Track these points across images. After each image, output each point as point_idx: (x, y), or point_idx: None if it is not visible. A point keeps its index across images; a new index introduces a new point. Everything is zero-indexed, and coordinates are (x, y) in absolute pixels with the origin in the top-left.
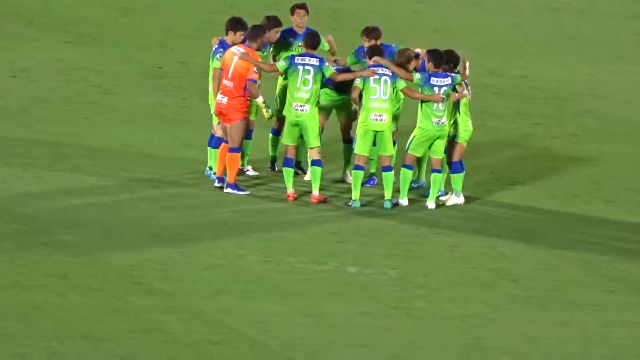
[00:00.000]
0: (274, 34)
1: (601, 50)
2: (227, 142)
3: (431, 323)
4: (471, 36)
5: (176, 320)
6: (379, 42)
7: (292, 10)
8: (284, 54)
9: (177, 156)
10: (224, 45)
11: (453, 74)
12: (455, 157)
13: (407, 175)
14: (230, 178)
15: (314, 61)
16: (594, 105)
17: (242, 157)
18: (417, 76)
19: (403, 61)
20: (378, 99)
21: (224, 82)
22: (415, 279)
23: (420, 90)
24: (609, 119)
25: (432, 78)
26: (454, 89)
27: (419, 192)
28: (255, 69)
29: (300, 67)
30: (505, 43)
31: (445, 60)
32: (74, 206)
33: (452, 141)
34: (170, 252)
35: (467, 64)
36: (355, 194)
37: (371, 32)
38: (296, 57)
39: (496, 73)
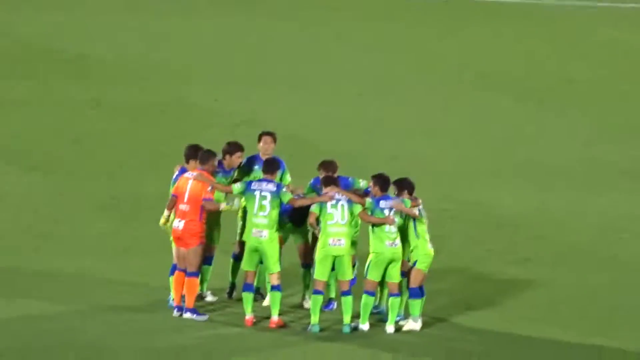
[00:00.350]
0: (236, 159)
1: (552, 176)
2: (182, 269)
3: None
4: (427, 164)
5: None
6: (335, 175)
7: (259, 137)
8: (246, 180)
9: (134, 283)
10: (183, 173)
11: (401, 197)
12: (415, 283)
13: (368, 301)
14: (189, 303)
15: (271, 187)
16: (545, 231)
17: (201, 283)
18: (368, 201)
19: (357, 192)
20: (336, 223)
21: (180, 206)
22: None
23: (371, 215)
24: (560, 244)
25: (380, 202)
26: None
27: (379, 316)
28: (209, 188)
29: (257, 193)
30: (458, 170)
31: (401, 187)
32: (28, 332)
33: (412, 267)
34: None
35: (420, 203)
36: (314, 318)
37: (327, 165)
38: (253, 183)
39: (451, 199)
